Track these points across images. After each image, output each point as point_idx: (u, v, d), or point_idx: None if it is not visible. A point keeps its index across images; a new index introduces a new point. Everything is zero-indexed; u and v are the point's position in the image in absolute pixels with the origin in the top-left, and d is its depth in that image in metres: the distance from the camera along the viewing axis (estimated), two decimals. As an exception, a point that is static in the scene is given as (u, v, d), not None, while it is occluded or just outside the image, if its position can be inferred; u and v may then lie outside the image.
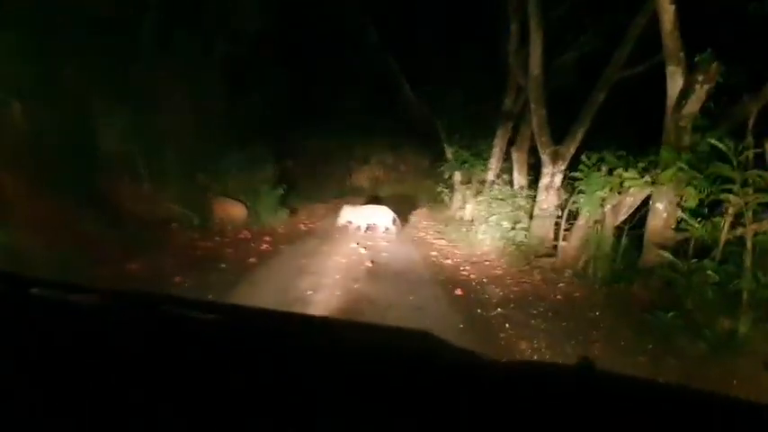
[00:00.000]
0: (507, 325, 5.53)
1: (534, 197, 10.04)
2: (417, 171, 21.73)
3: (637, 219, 7.47)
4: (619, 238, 7.42)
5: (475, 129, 14.04)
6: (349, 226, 10.72)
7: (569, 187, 9.20)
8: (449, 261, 8.64)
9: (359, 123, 20.39)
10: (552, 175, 9.35)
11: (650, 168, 6.76)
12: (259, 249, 8.37)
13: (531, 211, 9.84)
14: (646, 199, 7.29)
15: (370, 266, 7.71)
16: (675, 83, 6.46)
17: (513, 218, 10.01)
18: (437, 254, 9.25)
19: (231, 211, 10.55)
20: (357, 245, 9.20)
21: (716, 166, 5.68)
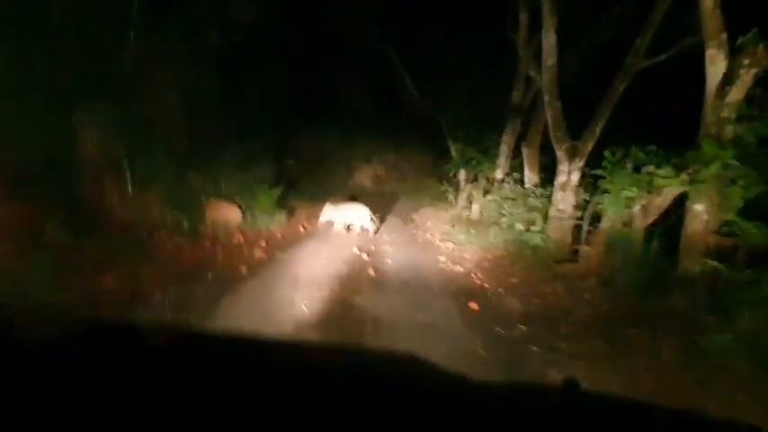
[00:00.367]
0: (534, 348, 4.71)
1: (548, 197, 9.23)
2: (420, 169, 20.99)
3: (668, 220, 6.68)
4: (648, 242, 6.61)
5: (481, 124, 13.22)
6: (331, 225, 10.00)
7: (589, 186, 8.40)
8: (459, 267, 7.83)
9: (361, 120, 19.65)
10: (569, 173, 8.53)
11: (685, 165, 5.93)
12: (252, 256, 7.56)
13: (546, 212, 9.04)
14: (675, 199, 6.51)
15: (372, 275, 6.91)
16: (717, 68, 5.62)
17: (527, 219, 9.20)
18: (446, 259, 8.44)
19: (225, 214, 9.74)
20: (359, 250, 8.40)
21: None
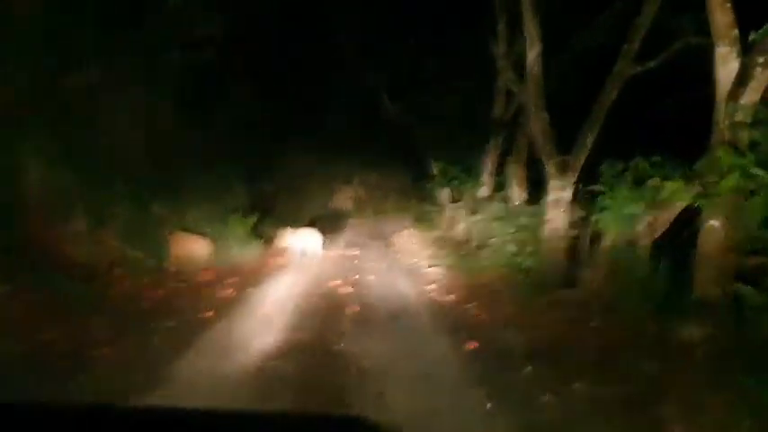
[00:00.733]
0: (546, 397, 3.99)
1: (539, 215, 8.60)
2: (402, 189, 20.44)
3: (676, 238, 6.07)
4: (656, 263, 5.98)
5: (463, 141, 12.67)
6: (291, 250, 9.46)
7: (584, 203, 7.80)
8: (451, 297, 7.10)
9: (340, 141, 19.04)
10: (561, 190, 7.90)
11: (696, 176, 5.33)
12: (220, 296, 6.73)
13: (538, 232, 8.39)
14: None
15: (356, 312, 6.15)
16: (728, 68, 5.05)
17: (518, 239, 8.56)
18: (435, 287, 7.71)
19: (192, 248, 8.90)
20: (340, 281, 7.64)
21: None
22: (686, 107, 8.34)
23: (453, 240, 12.03)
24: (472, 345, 4.99)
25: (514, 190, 10.05)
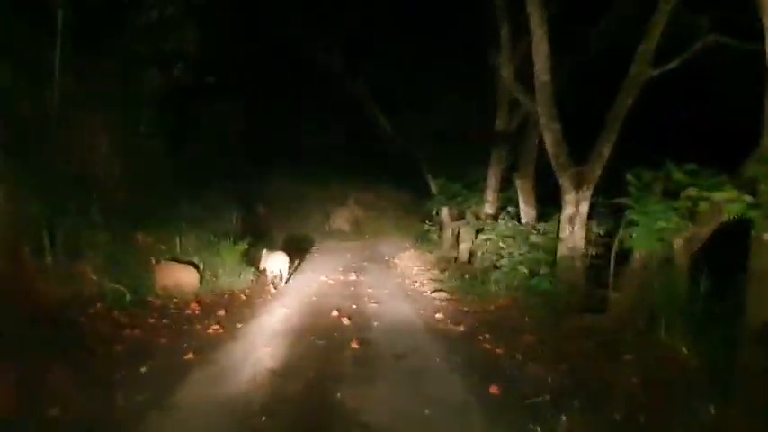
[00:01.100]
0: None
1: (553, 233, 7.87)
2: (400, 208, 19.76)
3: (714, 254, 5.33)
4: (695, 284, 5.22)
5: (464, 157, 11.96)
6: (269, 271, 8.87)
7: (603, 217, 7.08)
8: (460, 327, 6.31)
9: (335, 160, 18.46)
10: (577, 204, 7.19)
11: (745, 183, 4.60)
12: (205, 333, 5.92)
13: (552, 251, 7.64)
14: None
15: (356, 349, 5.35)
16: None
17: (531, 260, 7.80)
18: (442, 315, 6.91)
19: (179, 278, 8.10)
20: (338, 313, 6.85)
21: None
22: (708, 112, 7.72)
23: (457, 262, 11.27)
24: (493, 389, 4.19)
25: (523, 206, 9.32)
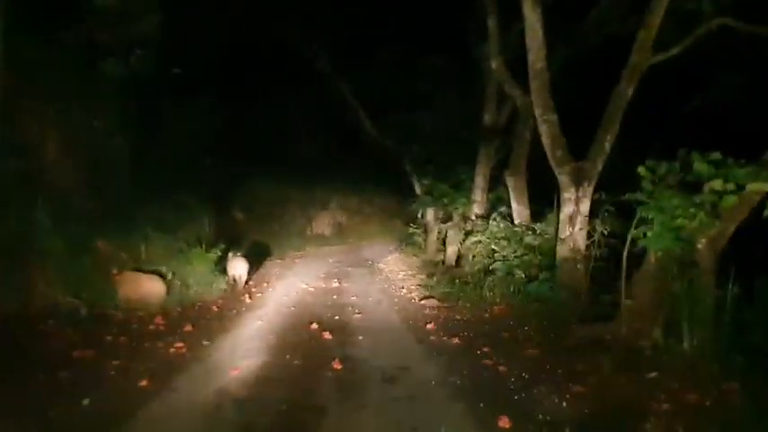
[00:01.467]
0: None
1: (549, 233, 7.24)
2: (384, 212, 19.12)
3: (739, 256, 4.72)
4: (723, 289, 4.60)
5: (451, 156, 11.32)
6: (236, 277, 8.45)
7: (607, 216, 6.47)
8: (456, 341, 5.60)
9: (318, 163, 17.69)
10: (577, 202, 6.56)
11: None
12: (166, 353, 5.12)
13: (549, 253, 7.01)
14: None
15: (338, 370, 4.61)
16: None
17: (526, 263, 7.15)
18: (435, 326, 6.20)
19: (145, 289, 7.29)
20: (318, 325, 6.10)
21: None
22: (716, 99, 7.18)
23: (444, 265, 10.59)
24: (503, 421, 3.49)
25: (515, 206, 8.69)
